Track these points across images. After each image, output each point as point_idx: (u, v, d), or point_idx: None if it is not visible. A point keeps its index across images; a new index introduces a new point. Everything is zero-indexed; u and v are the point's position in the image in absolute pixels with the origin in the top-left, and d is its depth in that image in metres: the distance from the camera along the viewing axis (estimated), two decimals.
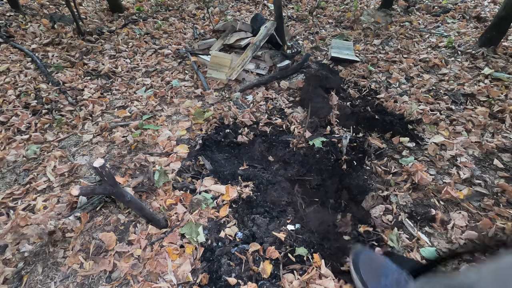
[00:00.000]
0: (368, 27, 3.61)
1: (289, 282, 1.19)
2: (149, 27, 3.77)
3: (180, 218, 1.45)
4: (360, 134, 2.05)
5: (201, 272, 1.24)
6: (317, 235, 1.39)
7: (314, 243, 1.35)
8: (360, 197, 1.61)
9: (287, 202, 1.58)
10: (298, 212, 1.54)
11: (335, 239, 1.39)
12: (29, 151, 1.88)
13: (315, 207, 1.63)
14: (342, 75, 2.72)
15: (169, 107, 2.35)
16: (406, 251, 1.33)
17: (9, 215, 1.49)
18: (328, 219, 1.48)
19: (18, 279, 1.25)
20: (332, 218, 1.51)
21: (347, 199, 1.67)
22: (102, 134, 2.05)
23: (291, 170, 1.82)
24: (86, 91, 2.50)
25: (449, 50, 3.03)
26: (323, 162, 1.83)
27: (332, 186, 1.76)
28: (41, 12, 4.09)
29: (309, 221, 1.45)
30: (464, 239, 1.36)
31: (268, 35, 2.81)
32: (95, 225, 1.44)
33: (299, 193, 1.71)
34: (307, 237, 1.37)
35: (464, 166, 1.73)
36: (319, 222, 1.45)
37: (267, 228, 1.40)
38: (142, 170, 1.74)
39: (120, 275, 1.24)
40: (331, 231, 1.42)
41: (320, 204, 1.67)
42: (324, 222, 1.44)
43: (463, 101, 2.31)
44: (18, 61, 2.87)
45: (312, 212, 1.53)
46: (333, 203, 1.69)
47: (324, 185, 1.77)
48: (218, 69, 2.67)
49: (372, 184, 1.69)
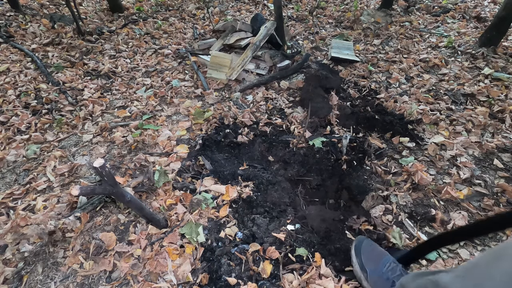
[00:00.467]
0: (368, 27, 3.61)
1: (289, 282, 1.19)
2: (149, 27, 3.77)
3: (180, 218, 1.45)
4: (360, 134, 2.05)
5: (201, 272, 1.24)
6: (318, 234, 1.39)
7: (315, 243, 1.35)
8: (360, 197, 1.61)
9: (287, 202, 1.58)
10: (298, 212, 1.54)
11: (336, 238, 1.38)
12: (29, 151, 1.88)
13: (317, 205, 1.63)
14: (342, 75, 2.72)
15: (169, 107, 2.35)
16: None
17: (9, 215, 1.49)
18: (329, 216, 1.48)
19: (18, 279, 1.26)
20: (334, 215, 1.51)
21: (347, 199, 1.67)
22: (102, 134, 2.05)
23: (291, 170, 1.82)
24: (86, 91, 2.50)
25: (449, 50, 3.03)
26: (323, 162, 1.83)
27: (332, 186, 1.76)
28: (41, 12, 4.09)
29: (310, 219, 1.45)
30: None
31: (268, 35, 2.81)
32: (95, 225, 1.44)
33: (301, 193, 1.72)
34: (307, 237, 1.37)
35: (464, 166, 1.73)
36: (320, 219, 1.44)
37: (267, 228, 1.40)
38: (142, 170, 1.74)
39: (120, 275, 1.24)
40: (333, 229, 1.42)
41: (321, 204, 1.67)
42: (325, 220, 1.44)
43: (463, 101, 2.31)
44: (18, 61, 2.87)
45: (313, 210, 1.53)
46: (333, 203, 1.69)
47: (324, 185, 1.77)
48: (218, 69, 2.67)
49: (372, 184, 1.69)
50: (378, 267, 1.06)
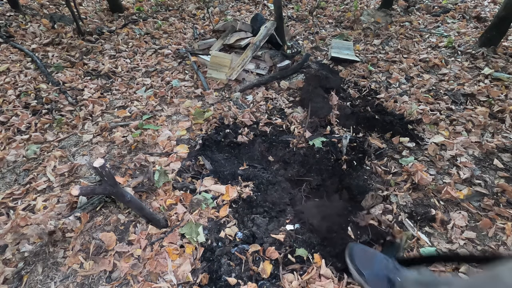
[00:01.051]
0: (368, 27, 3.61)
1: (289, 282, 1.19)
2: (149, 27, 3.77)
3: (180, 218, 1.45)
4: (360, 134, 2.05)
5: (201, 272, 1.24)
6: (319, 233, 1.39)
7: (315, 243, 1.35)
8: (360, 197, 1.61)
9: (287, 202, 1.58)
10: (298, 212, 1.54)
11: (337, 237, 1.38)
12: (29, 151, 1.88)
13: (318, 201, 1.63)
14: (342, 75, 2.72)
15: (169, 107, 2.35)
16: (406, 251, 1.34)
17: (9, 215, 1.49)
18: (331, 212, 1.48)
19: (18, 279, 1.26)
20: (337, 209, 1.51)
21: (347, 199, 1.67)
22: (102, 134, 2.05)
23: (291, 170, 1.82)
24: (86, 91, 2.50)
25: (449, 50, 3.03)
26: (323, 162, 1.83)
27: (332, 186, 1.76)
28: (41, 12, 4.09)
29: (310, 218, 1.45)
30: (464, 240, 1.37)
31: (268, 35, 2.81)
32: (95, 225, 1.44)
33: (304, 191, 1.71)
34: (307, 237, 1.37)
35: (464, 166, 1.73)
36: (321, 217, 1.44)
37: (267, 228, 1.40)
38: (142, 170, 1.74)
39: (120, 275, 1.24)
40: (334, 227, 1.42)
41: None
42: (325, 218, 1.44)
43: (463, 101, 2.31)
44: (18, 61, 2.87)
45: (314, 206, 1.53)
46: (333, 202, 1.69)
47: (324, 185, 1.77)
48: (218, 69, 2.67)
49: (372, 184, 1.69)
50: (374, 269, 1.12)
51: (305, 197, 1.68)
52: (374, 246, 1.35)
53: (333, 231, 1.40)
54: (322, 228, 1.40)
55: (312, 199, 1.71)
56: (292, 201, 1.62)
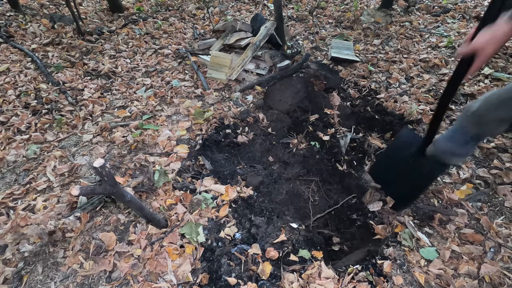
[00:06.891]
0: (368, 27, 3.60)
1: (289, 282, 1.19)
2: (149, 27, 3.77)
3: (180, 218, 1.45)
4: (360, 134, 2.05)
5: (201, 272, 1.24)
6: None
7: (315, 242, 1.35)
8: (360, 197, 1.61)
9: (287, 202, 1.58)
10: (298, 212, 1.54)
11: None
12: (29, 151, 1.88)
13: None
14: (342, 75, 2.72)
15: (169, 107, 2.35)
16: (406, 251, 1.34)
17: (9, 215, 1.49)
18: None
19: (18, 279, 1.26)
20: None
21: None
22: (102, 134, 2.05)
23: (291, 170, 1.82)
24: (86, 91, 2.50)
25: (449, 50, 3.03)
26: (323, 162, 1.83)
27: (332, 186, 1.75)
28: (41, 12, 4.09)
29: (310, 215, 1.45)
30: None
31: (268, 35, 2.81)
32: (95, 225, 1.44)
33: (308, 189, 1.71)
34: (307, 237, 1.37)
35: (464, 166, 1.73)
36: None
37: (267, 228, 1.40)
38: (142, 170, 1.74)
39: (120, 275, 1.24)
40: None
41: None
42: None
43: (463, 101, 2.30)
44: (18, 61, 2.87)
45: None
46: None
47: (324, 185, 1.77)
48: (218, 69, 2.67)
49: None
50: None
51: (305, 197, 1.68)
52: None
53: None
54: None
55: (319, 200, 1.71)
56: (292, 201, 1.62)
